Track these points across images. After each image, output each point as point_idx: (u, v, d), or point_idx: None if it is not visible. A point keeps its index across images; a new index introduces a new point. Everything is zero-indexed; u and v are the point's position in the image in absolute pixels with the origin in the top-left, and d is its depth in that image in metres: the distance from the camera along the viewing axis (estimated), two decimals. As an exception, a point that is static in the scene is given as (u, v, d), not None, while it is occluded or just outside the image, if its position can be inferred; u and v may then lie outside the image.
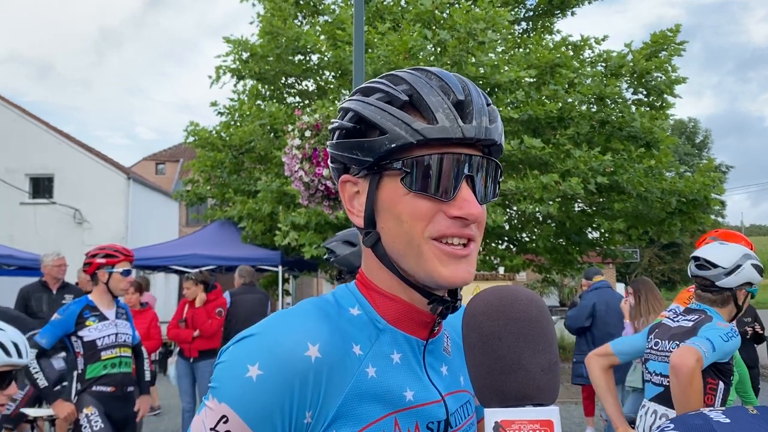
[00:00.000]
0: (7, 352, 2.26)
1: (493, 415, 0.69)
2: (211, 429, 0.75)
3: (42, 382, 3.48)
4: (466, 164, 0.80)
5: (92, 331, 3.59)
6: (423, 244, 0.80)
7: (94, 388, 3.55)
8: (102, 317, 3.67)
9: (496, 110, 0.86)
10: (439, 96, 0.81)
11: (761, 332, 5.75)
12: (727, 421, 0.79)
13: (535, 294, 0.77)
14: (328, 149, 0.91)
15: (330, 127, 0.91)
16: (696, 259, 2.58)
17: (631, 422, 3.06)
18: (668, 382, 2.36)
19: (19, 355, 2.30)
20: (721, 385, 2.43)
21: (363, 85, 0.88)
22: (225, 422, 0.74)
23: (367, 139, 0.83)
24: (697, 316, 2.53)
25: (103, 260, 3.67)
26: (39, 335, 3.56)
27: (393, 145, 0.80)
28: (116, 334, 3.69)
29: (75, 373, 3.67)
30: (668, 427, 0.81)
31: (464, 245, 0.82)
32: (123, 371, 3.71)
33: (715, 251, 2.54)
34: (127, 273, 3.73)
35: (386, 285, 0.87)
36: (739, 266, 2.48)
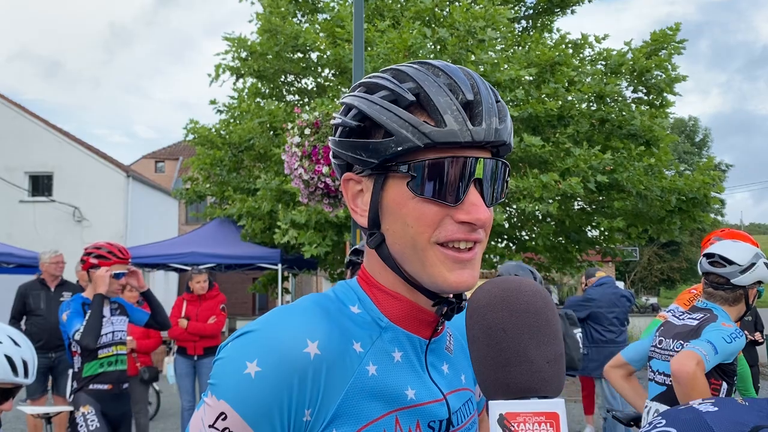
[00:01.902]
0: (15, 371, 2.20)
1: (498, 408, 0.68)
2: (209, 426, 0.75)
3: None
4: (474, 167, 0.78)
5: None
6: (428, 249, 0.79)
7: (90, 387, 3.52)
8: None
9: (505, 107, 0.83)
10: (447, 96, 0.78)
11: (760, 340, 5.75)
12: (715, 409, 0.79)
13: (540, 286, 0.76)
14: (330, 145, 0.89)
15: (332, 122, 0.89)
16: (710, 256, 2.56)
17: (632, 420, 3.05)
18: (671, 381, 2.36)
19: (25, 375, 2.25)
20: (725, 385, 2.42)
21: (366, 80, 0.85)
22: (223, 419, 0.74)
23: (372, 140, 0.80)
24: (702, 315, 2.51)
25: (95, 261, 3.62)
26: (74, 325, 3.46)
27: (400, 149, 0.78)
28: (113, 332, 3.66)
29: (71, 372, 3.64)
30: (660, 423, 0.80)
31: (469, 249, 0.80)
32: (119, 369, 3.68)
33: (730, 249, 2.53)
34: (119, 276, 3.65)
35: (390, 284, 0.86)
36: (753, 264, 2.48)
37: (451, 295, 0.85)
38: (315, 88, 12.24)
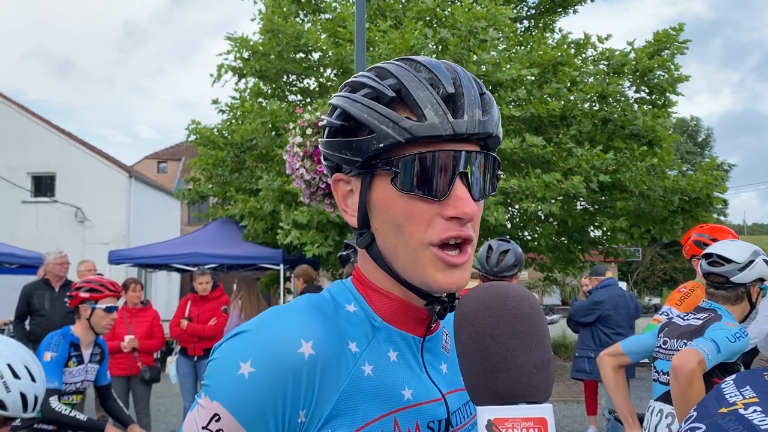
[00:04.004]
0: (25, 407, 2.15)
1: (486, 413, 0.67)
2: (203, 428, 0.74)
3: (81, 416, 3.21)
4: (458, 161, 0.77)
5: (66, 374, 3.31)
6: (421, 250, 0.78)
7: (36, 426, 3.23)
8: (80, 359, 3.41)
9: (491, 99, 0.83)
10: (427, 90, 0.77)
11: None
12: None
13: (527, 291, 0.75)
14: (320, 147, 0.89)
15: (320, 123, 0.89)
16: (708, 256, 2.56)
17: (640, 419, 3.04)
18: None
19: (33, 409, 2.19)
20: None
21: (351, 79, 0.85)
22: (217, 420, 0.73)
23: (354, 138, 0.80)
24: (706, 315, 2.51)
25: (86, 294, 3.38)
26: (49, 381, 3.14)
27: (381, 145, 0.77)
28: (82, 381, 3.43)
29: None
30: (699, 428, 0.75)
31: (460, 250, 0.80)
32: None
33: (727, 247, 2.53)
34: (111, 309, 3.44)
35: (382, 283, 0.85)
36: (752, 261, 2.47)
37: (444, 294, 0.85)
38: (317, 88, 12.24)
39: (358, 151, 0.80)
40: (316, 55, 11.50)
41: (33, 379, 2.20)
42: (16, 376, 2.15)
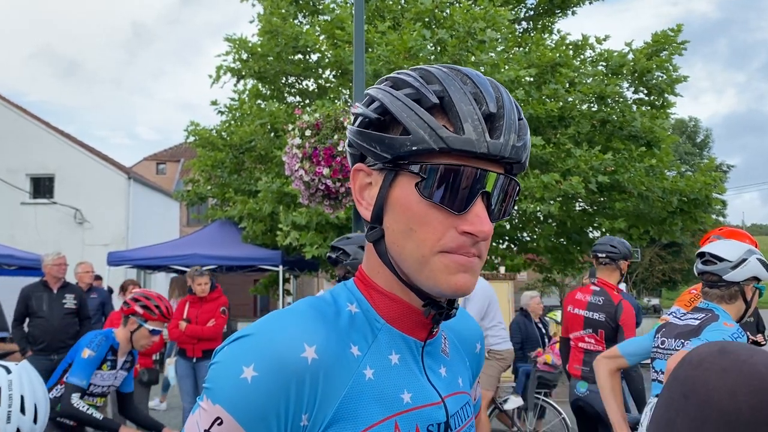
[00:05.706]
0: None
1: None
2: (205, 431, 0.74)
3: (98, 415, 3.23)
4: (485, 180, 0.78)
5: (97, 376, 3.35)
6: (429, 256, 0.79)
7: (57, 419, 3.30)
8: (113, 365, 3.46)
9: (526, 126, 0.83)
10: (470, 105, 0.78)
11: (762, 342, 5.72)
12: None
13: None
14: (348, 133, 0.89)
15: (353, 110, 0.88)
16: (701, 255, 2.58)
17: (637, 423, 3.05)
18: None
19: None
20: None
21: (394, 75, 0.85)
22: (219, 424, 0.73)
23: (388, 135, 0.80)
24: (704, 315, 2.52)
25: (140, 310, 3.46)
26: (76, 377, 3.24)
27: (414, 148, 0.78)
28: (110, 386, 3.48)
29: None
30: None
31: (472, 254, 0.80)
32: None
33: (720, 246, 2.55)
34: (156, 333, 3.49)
35: (386, 283, 0.85)
36: (744, 260, 2.48)
37: (444, 300, 0.85)
38: (316, 90, 12.25)
39: (390, 148, 0.80)
40: (314, 57, 11.50)
41: (35, 421, 2.17)
42: (23, 410, 2.13)
